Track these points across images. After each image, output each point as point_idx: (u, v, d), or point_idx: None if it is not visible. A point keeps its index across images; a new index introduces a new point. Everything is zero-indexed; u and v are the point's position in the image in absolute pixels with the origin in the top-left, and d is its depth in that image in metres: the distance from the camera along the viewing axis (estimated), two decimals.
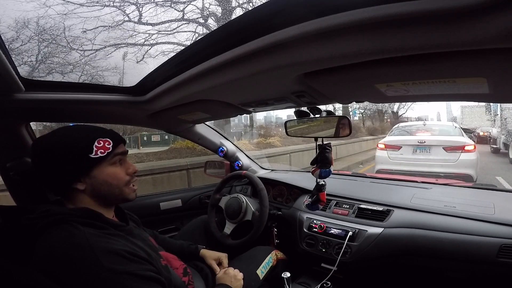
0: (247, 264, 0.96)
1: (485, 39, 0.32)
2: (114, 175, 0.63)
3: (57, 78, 5.10)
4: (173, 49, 6.44)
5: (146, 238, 0.72)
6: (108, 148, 0.61)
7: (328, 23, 0.38)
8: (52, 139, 0.60)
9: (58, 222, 0.54)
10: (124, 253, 0.53)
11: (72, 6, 4.79)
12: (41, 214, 0.55)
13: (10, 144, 0.90)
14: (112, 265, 0.50)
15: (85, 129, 0.63)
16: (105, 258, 0.50)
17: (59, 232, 0.53)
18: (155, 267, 0.58)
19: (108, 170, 0.62)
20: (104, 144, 0.61)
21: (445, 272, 0.89)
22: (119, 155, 0.65)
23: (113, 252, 0.52)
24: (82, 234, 0.52)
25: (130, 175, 0.66)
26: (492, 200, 1.00)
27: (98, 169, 0.61)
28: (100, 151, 0.60)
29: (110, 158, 0.62)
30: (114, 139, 0.63)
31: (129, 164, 0.67)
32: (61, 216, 0.55)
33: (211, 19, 6.52)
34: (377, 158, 4.50)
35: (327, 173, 0.89)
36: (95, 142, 0.60)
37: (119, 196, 0.64)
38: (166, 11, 6.19)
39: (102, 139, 0.61)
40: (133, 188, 0.67)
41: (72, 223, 0.54)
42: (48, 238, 0.52)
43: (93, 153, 0.59)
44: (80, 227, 0.54)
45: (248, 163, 1.61)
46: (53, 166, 0.58)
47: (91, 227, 0.55)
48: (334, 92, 0.70)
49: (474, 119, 14.27)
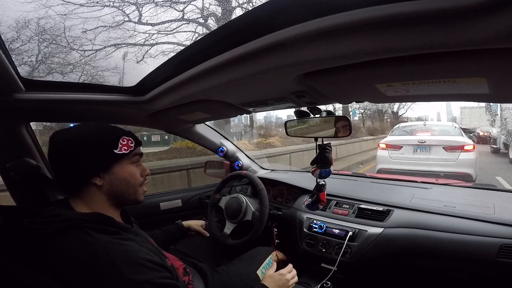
0: (247, 264, 0.96)
1: (485, 39, 0.32)
2: (133, 174, 0.64)
3: (57, 78, 5.10)
4: (173, 49, 6.45)
5: (147, 238, 0.72)
6: (131, 146, 0.63)
7: (328, 23, 0.38)
8: (75, 133, 0.61)
9: (70, 228, 0.53)
10: (142, 261, 0.53)
11: (72, 7, 4.79)
12: (50, 219, 0.54)
13: (10, 144, 0.90)
14: (133, 275, 0.50)
15: (108, 126, 0.64)
16: (126, 268, 0.50)
17: (73, 239, 0.52)
18: (170, 272, 0.58)
19: (128, 168, 0.63)
20: (128, 142, 0.63)
21: (445, 272, 0.89)
22: (138, 156, 0.66)
23: (132, 261, 0.52)
24: (98, 242, 0.52)
25: (143, 177, 0.68)
26: (492, 200, 1.00)
27: (119, 165, 0.62)
28: (124, 148, 0.61)
29: (131, 156, 0.64)
30: (136, 140, 0.65)
31: (143, 166, 0.69)
32: (73, 221, 0.53)
33: (211, 19, 6.53)
34: (378, 158, 4.56)
35: (327, 173, 0.89)
36: (120, 139, 0.61)
37: (132, 195, 0.65)
38: (166, 11, 6.19)
39: (126, 138, 0.63)
40: (144, 190, 0.68)
41: (86, 229, 0.53)
42: (62, 246, 0.51)
43: (117, 149, 0.60)
44: (94, 234, 0.53)
45: (248, 163, 1.61)
46: (75, 159, 0.58)
47: (105, 233, 0.55)
48: (334, 92, 0.70)
49: (474, 119, 14.50)
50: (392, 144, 4.37)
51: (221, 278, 0.90)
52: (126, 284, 0.49)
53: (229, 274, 0.91)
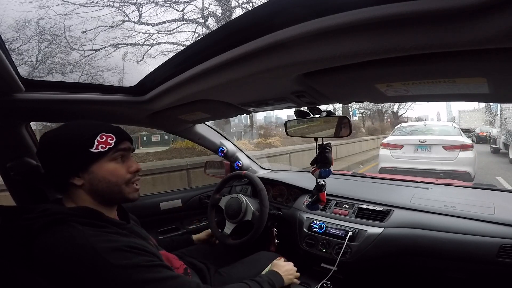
0: (250, 268, 0.96)
1: (485, 39, 0.32)
2: (114, 171, 0.61)
3: (57, 78, 5.09)
4: (173, 49, 6.44)
5: (147, 237, 0.72)
6: (110, 143, 0.60)
7: (328, 23, 0.38)
8: (56, 133, 0.60)
9: (56, 222, 0.52)
10: (127, 248, 0.53)
11: (72, 7, 4.79)
12: (39, 214, 0.54)
13: (10, 144, 0.90)
14: (121, 261, 0.50)
15: (90, 123, 0.62)
16: (112, 256, 0.50)
17: (59, 233, 0.51)
18: (160, 259, 0.58)
19: (107, 166, 0.60)
20: (107, 139, 0.59)
21: (445, 272, 0.89)
22: (121, 151, 0.62)
23: (117, 249, 0.52)
24: (82, 234, 0.51)
25: (132, 173, 0.64)
26: (492, 200, 1.00)
27: (98, 164, 0.59)
28: (101, 146, 0.58)
29: (111, 153, 0.60)
30: (118, 135, 0.62)
31: (132, 161, 0.65)
32: (59, 215, 0.53)
33: (211, 19, 6.52)
34: (380, 157, 4.70)
35: (327, 173, 0.89)
36: (97, 137, 0.59)
37: (118, 194, 0.62)
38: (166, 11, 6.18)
39: (105, 134, 0.60)
40: (135, 188, 0.65)
41: (71, 223, 0.53)
42: (47, 240, 0.51)
43: (93, 147, 0.58)
44: (79, 227, 0.52)
45: (248, 163, 1.61)
46: (53, 159, 0.58)
47: (91, 226, 0.54)
48: (334, 92, 0.70)
49: (471, 121, 15.61)
50: (393, 143, 4.54)
51: (223, 280, 0.89)
52: (116, 271, 0.49)
53: (231, 277, 0.91)
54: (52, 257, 0.50)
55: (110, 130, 0.62)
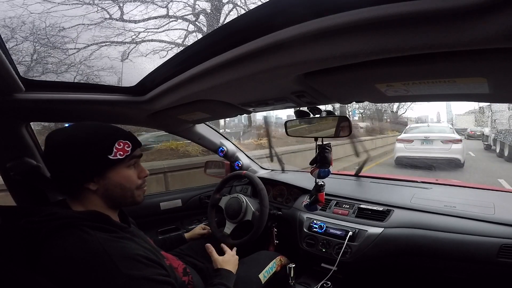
0: (250, 267, 0.96)
1: (485, 39, 0.32)
2: (128, 178, 0.62)
3: (51, 78, 5.02)
4: (173, 49, 6.40)
5: (145, 238, 0.72)
6: (127, 151, 0.60)
7: (328, 23, 0.38)
8: (70, 134, 0.58)
9: (66, 226, 0.52)
10: (139, 257, 0.53)
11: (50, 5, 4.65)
12: (46, 218, 0.53)
13: (10, 144, 0.90)
14: (130, 270, 0.50)
15: (105, 128, 0.61)
16: (123, 264, 0.50)
17: (70, 237, 0.51)
18: (166, 270, 0.58)
19: (123, 172, 0.61)
20: (124, 146, 0.60)
21: (445, 272, 0.89)
22: (136, 158, 0.64)
23: (129, 257, 0.51)
24: (94, 239, 0.51)
25: (142, 179, 0.65)
26: (492, 200, 1.00)
27: (114, 171, 0.59)
28: (119, 153, 0.59)
29: (127, 160, 0.61)
30: (134, 142, 0.62)
31: (142, 167, 0.66)
32: (69, 219, 0.52)
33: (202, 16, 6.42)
34: (396, 149, 6.55)
35: (326, 173, 0.89)
36: (116, 144, 0.58)
37: (130, 199, 0.63)
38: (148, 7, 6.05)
39: (123, 141, 0.60)
40: (143, 191, 0.67)
41: (82, 227, 0.52)
42: (59, 244, 0.50)
43: (112, 154, 0.58)
44: (90, 231, 0.52)
45: (248, 163, 1.61)
46: (67, 162, 0.56)
47: (101, 231, 0.54)
48: (334, 92, 0.70)
49: (464, 123, 20.31)
50: (406, 139, 6.45)
51: None
52: (123, 280, 0.49)
53: None
54: (63, 260, 0.49)
55: (126, 136, 0.62)
